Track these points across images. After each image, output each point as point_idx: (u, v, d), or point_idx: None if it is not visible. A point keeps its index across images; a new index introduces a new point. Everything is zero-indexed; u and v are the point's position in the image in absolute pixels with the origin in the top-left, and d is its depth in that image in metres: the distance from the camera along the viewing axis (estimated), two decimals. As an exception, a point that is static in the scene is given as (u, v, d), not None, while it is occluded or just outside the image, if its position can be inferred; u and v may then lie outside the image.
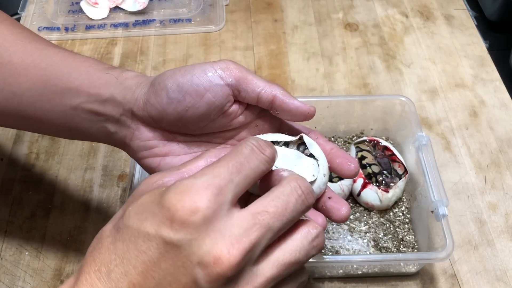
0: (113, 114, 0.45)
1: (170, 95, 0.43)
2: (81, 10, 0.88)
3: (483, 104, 0.75)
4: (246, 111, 0.46)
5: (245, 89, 0.44)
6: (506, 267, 0.59)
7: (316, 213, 0.43)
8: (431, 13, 0.88)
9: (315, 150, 0.44)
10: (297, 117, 0.45)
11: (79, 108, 0.45)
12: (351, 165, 0.44)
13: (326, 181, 0.44)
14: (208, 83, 0.43)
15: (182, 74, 0.43)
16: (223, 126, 0.46)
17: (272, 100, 0.44)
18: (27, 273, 0.59)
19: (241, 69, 0.44)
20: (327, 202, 0.44)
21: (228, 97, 0.44)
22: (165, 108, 0.43)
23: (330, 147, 0.46)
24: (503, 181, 0.66)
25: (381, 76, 0.79)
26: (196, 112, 0.43)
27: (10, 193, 0.66)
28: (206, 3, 0.90)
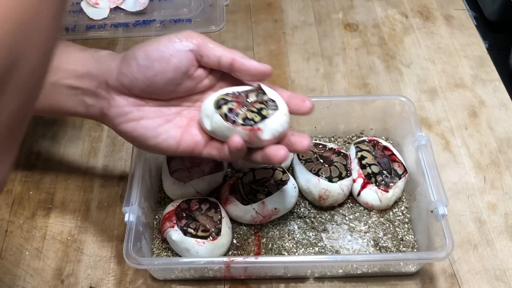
0: (90, 87, 0.49)
1: (140, 63, 0.48)
2: (81, 10, 0.88)
3: (483, 104, 0.75)
4: (210, 75, 0.51)
5: (207, 54, 0.49)
6: (505, 266, 0.59)
7: (280, 146, 0.49)
8: (430, 13, 0.88)
9: (273, 95, 0.51)
10: (256, 77, 0.50)
11: (57, 84, 0.49)
12: (306, 102, 0.51)
13: (287, 119, 0.50)
14: (173, 50, 0.48)
15: (149, 44, 0.49)
16: (190, 90, 0.51)
17: (231, 62, 0.49)
18: (27, 272, 0.59)
19: (202, 37, 0.49)
20: (291, 138, 0.50)
21: (192, 61, 0.49)
22: (135, 75, 0.48)
23: (287, 94, 0.51)
24: (503, 181, 0.66)
25: (380, 76, 0.79)
26: (164, 77, 0.48)
27: (10, 193, 0.66)
28: (206, 4, 0.90)
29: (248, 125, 0.48)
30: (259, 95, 0.51)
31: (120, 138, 0.71)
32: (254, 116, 0.49)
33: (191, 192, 0.61)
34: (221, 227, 0.57)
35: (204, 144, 0.51)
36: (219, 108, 0.49)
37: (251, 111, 0.49)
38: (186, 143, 0.51)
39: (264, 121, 0.48)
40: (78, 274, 0.59)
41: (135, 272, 0.59)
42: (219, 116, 0.48)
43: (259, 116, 0.49)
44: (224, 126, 0.48)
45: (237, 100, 0.50)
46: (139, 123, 0.50)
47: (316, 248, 0.59)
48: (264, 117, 0.48)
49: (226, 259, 0.52)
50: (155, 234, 0.61)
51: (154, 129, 0.50)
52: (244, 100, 0.50)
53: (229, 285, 0.58)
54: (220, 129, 0.49)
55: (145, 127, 0.50)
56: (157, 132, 0.50)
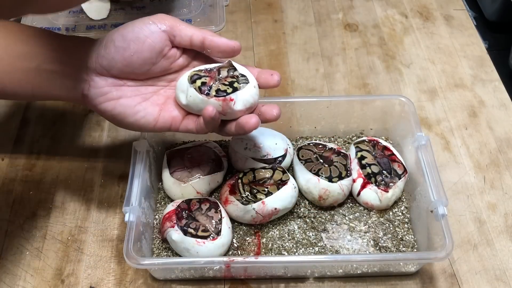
0: (71, 71, 0.52)
1: (117, 44, 0.51)
2: (81, 10, 0.88)
3: (483, 104, 0.75)
4: (183, 54, 0.54)
5: (179, 34, 0.52)
6: (505, 266, 0.59)
7: (251, 115, 0.52)
8: (430, 13, 0.88)
9: (243, 70, 0.54)
10: (226, 53, 0.53)
11: (39, 68, 0.51)
12: (274, 75, 0.54)
13: (257, 91, 0.53)
14: (147, 31, 0.51)
15: (125, 27, 0.52)
16: (166, 69, 0.54)
17: (202, 41, 0.52)
18: (28, 272, 0.59)
19: (174, 19, 0.53)
20: (261, 108, 0.54)
21: (165, 41, 0.52)
22: (113, 56, 0.51)
23: (256, 71, 0.55)
24: (502, 181, 0.66)
25: (380, 76, 0.79)
26: (140, 57, 0.51)
27: (11, 193, 0.66)
28: (206, 4, 0.90)
29: (221, 96, 0.51)
30: (230, 70, 0.54)
31: (120, 138, 0.71)
32: (227, 88, 0.52)
33: (191, 192, 0.61)
34: (221, 227, 0.57)
35: (181, 119, 0.54)
36: (193, 83, 0.52)
37: (224, 84, 0.53)
38: (163, 119, 0.53)
39: (235, 92, 0.51)
40: (78, 274, 0.59)
41: (135, 272, 0.59)
42: (194, 90, 0.52)
43: (231, 88, 0.52)
44: (198, 99, 0.52)
45: (209, 75, 0.54)
46: (118, 101, 0.52)
47: (316, 248, 0.59)
48: (236, 89, 0.52)
49: (226, 259, 0.52)
50: (155, 234, 0.61)
51: (133, 107, 0.53)
52: (216, 75, 0.54)
53: (229, 285, 0.58)
54: (195, 102, 0.52)
55: (123, 105, 0.52)
56: (135, 109, 0.53)
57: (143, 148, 0.60)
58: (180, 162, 0.63)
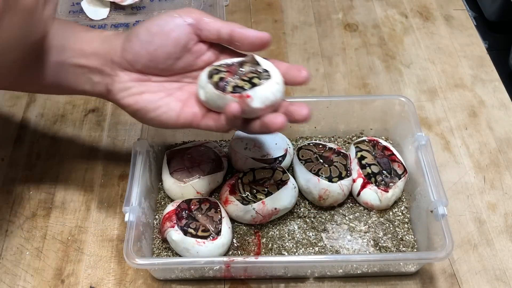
0: (96, 65, 0.51)
1: (141, 38, 0.50)
2: (81, 10, 0.88)
3: (483, 104, 0.75)
4: (210, 49, 0.53)
5: (206, 27, 0.51)
6: (505, 266, 0.59)
7: (277, 114, 0.49)
8: (430, 13, 0.88)
9: (267, 65, 0.51)
10: (256, 46, 0.51)
11: (65, 63, 0.51)
12: (301, 71, 0.51)
13: (280, 88, 0.49)
14: (172, 24, 0.50)
15: (150, 21, 0.51)
16: (191, 64, 0.52)
17: (230, 33, 0.50)
18: (27, 272, 0.59)
19: (201, 12, 0.51)
20: (289, 107, 0.50)
21: (191, 35, 0.51)
22: (138, 50, 0.50)
23: (284, 66, 0.52)
24: (502, 181, 0.66)
25: (380, 77, 0.79)
26: (164, 51, 0.50)
27: (11, 193, 0.66)
28: (206, 4, 0.90)
29: (237, 92, 0.49)
30: (253, 65, 0.52)
31: (120, 138, 0.71)
32: (245, 84, 0.49)
33: (191, 192, 0.61)
34: (221, 227, 0.57)
35: (201, 116, 0.52)
36: (211, 78, 0.50)
37: (243, 80, 0.50)
38: (185, 115, 0.52)
39: (254, 88, 0.48)
40: (78, 274, 0.59)
41: (135, 272, 0.59)
42: (211, 85, 0.49)
43: (250, 84, 0.49)
44: (214, 94, 0.49)
45: (229, 69, 0.51)
46: (141, 96, 0.51)
47: (316, 248, 0.59)
48: (255, 85, 0.49)
49: (226, 259, 0.52)
50: (155, 234, 0.61)
51: (155, 102, 0.51)
52: (237, 70, 0.51)
53: (229, 285, 0.58)
54: (212, 98, 0.50)
55: (146, 100, 0.51)
56: (157, 104, 0.51)
57: (143, 148, 0.60)
58: (180, 162, 0.63)
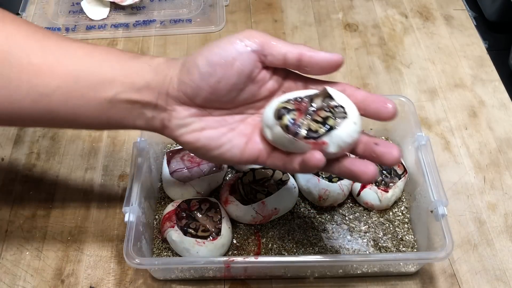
0: (149, 99, 0.46)
1: (202, 70, 0.44)
2: (81, 10, 0.88)
3: (483, 104, 0.75)
4: (274, 75, 0.47)
5: (271, 52, 0.45)
6: (505, 266, 0.59)
7: (366, 162, 0.43)
8: (430, 13, 0.88)
9: (341, 99, 0.44)
10: (327, 69, 0.45)
11: (115, 99, 0.45)
12: (388, 105, 0.44)
13: (357, 128, 0.44)
14: (235, 53, 0.45)
15: (209, 49, 0.45)
16: (254, 96, 0.47)
17: (299, 58, 0.45)
18: (27, 272, 0.59)
19: (264, 35, 0.46)
20: (376, 148, 0.44)
21: (255, 63, 0.45)
22: (198, 84, 0.45)
23: (361, 96, 0.45)
24: (503, 181, 0.66)
25: (380, 77, 0.79)
26: (228, 83, 0.45)
27: (11, 193, 0.66)
28: (206, 4, 0.90)
29: (311, 137, 0.43)
30: (325, 100, 0.45)
31: (120, 138, 0.71)
32: (319, 127, 0.43)
33: (191, 192, 0.61)
34: (221, 227, 0.57)
35: (267, 153, 0.47)
36: (280, 119, 0.44)
37: (316, 120, 0.44)
38: (250, 151, 0.47)
39: (330, 133, 0.43)
40: (78, 274, 0.59)
41: (135, 272, 0.59)
42: (280, 128, 0.44)
43: (325, 126, 0.43)
44: (285, 139, 0.44)
45: (299, 107, 0.45)
46: (202, 133, 0.47)
47: (316, 248, 0.59)
48: (331, 128, 0.43)
49: (226, 259, 0.52)
50: (155, 234, 0.61)
51: (218, 139, 0.47)
52: (308, 107, 0.45)
53: (229, 285, 0.58)
54: (281, 141, 0.44)
55: (208, 137, 0.47)
56: (220, 141, 0.47)
57: (143, 148, 0.60)
58: (180, 162, 0.64)
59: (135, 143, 0.61)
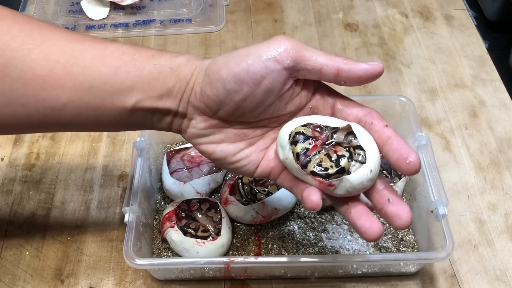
0: (171, 107, 0.43)
1: (227, 87, 0.41)
2: (81, 10, 0.88)
3: (483, 104, 0.75)
4: (303, 90, 0.44)
5: (305, 67, 0.41)
6: (505, 267, 0.59)
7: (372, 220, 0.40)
8: (431, 13, 0.88)
9: (365, 141, 0.41)
10: (366, 80, 0.42)
11: (134, 108, 0.43)
12: (409, 162, 0.39)
13: (372, 177, 0.40)
14: (264, 70, 0.41)
15: (237, 63, 0.41)
16: (279, 110, 0.44)
17: (336, 73, 0.41)
18: (27, 273, 0.59)
19: (297, 47, 0.41)
20: (388, 207, 0.41)
21: (285, 80, 0.42)
22: (222, 100, 0.42)
23: (387, 136, 0.41)
24: (503, 181, 0.66)
25: (381, 76, 0.78)
26: (254, 101, 0.42)
27: (10, 193, 0.66)
28: (206, 4, 0.90)
29: (319, 176, 0.40)
30: (348, 137, 0.41)
31: (120, 138, 0.71)
32: (330, 166, 0.40)
33: (191, 192, 0.61)
34: (221, 227, 0.57)
35: (279, 171, 0.45)
36: (293, 144, 0.42)
37: (329, 157, 0.41)
38: (262, 168, 0.45)
39: (341, 177, 0.40)
40: (78, 274, 0.59)
41: (135, 272, 0.59)
42: (291, 154, 0.41)
43: (336, 167, 0.40)
44: (293, 166, 0.42)
45: (317, 137, 0.42)
46: (219, 146, 0.45)
47: (316, 248, 0.59)
48: (343, 170, 0.40)
49: (226, 259, 0.52)
50: (155, 234, 0.61)
51: (234, 155, 0.45)
52: (327, 139, 0.42)
53: (229, 285, 0.58)
54: (290, 167, 0.42)
55: (224, 151, 0.45)
56: (236, 157, 0.45)
57: (143, 148, 0.60)
58: (180, 162, 0.63)
59: (135, 143, 0.61)
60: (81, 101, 0.41)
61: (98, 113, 0.42)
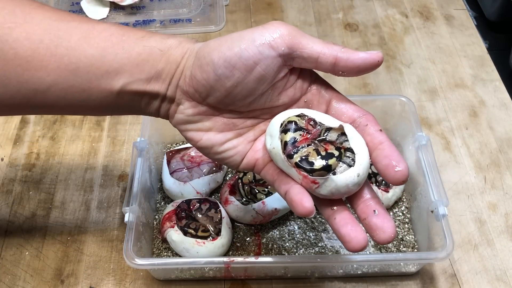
0: (159, 91, 0.42)
1: (217, 71, 0.39)
2: (81, 10, 0.88)
3: (483, 104, 0.75)
4: (298, 80, 0.42)
5: (301, 55, 0.39)
6: (506, 266, 0.59)
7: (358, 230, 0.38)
8: (431, 13, 0.88)
9: (356, 144, 0.39)
10: (365, 70, 0.40)
11: (121, 91, 0.41)
12: (397, 171, 0.38)
13: (358, 182, 0.38)
14: (258, 56, 0.39)
15: (229, 47, 0.39)
16: (272, 101, 0.42)
17: (334, 62, 0.39)
18: (27, 273, 0.59)
19: (293, 34, 0.39)
20: (373, 219, 0.39)
21: (280, 68, 0.40)
22: (212, 84, 0.40)
23: (379, 141, 0.40)
24: (503, 181, 0.66)
25: (381, 76, 0.79)
26: (245, 88, 0.40)
27: (10, 193, 0.66)
28: (206, 3, 0.90)
29: (303, 169, 0.38)
30: (340, 137, 0.40)
31: (119, 138, 0.71)
32: (316, 160, 0.38)
33: (191, 192, 0.61)
34: (221, 227, 0.57)
35: (263, 164, 0.43)
36: (283, 133, 0.40)
37: (318, 152, 0.39)
38: (247, 159, 0.44)
39: (325, 174, 0.38)
40: (78, 274, 0.59)
41: (135, 272, 0.59)
42: (279, 142, 0.40)
43: (323, 162, 0.38)
44: (279, 157, 0.40)
45: (309, 130, 0.40)
46: (207, 134, 0.43)
47: (316, 248, 0.59)
48: (328, 168, 0.38)
49: (226, 259, 0.52)
50: (155, 234, 0.61)
51: (221, 144, 0.43)
52: (318, 135, 0.40)
53: (229, 285, 0.58)
54: (276, 157, 0.40)
55: (212, 140, 0.43)
56: (224, 147, 0.43)
57: (143, 148, 0.60)
58: (180, 162, 0.63)
59: (135, 143, 0.61)
60: (66, 83, 0.40)
61: (84, 96, 0.40)
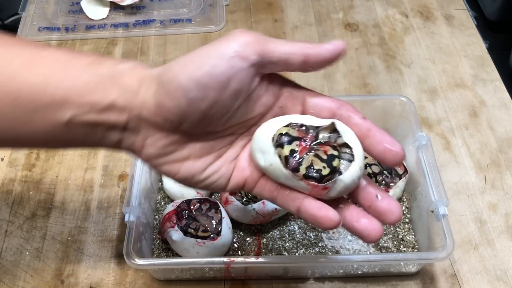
0: (116, 122, 0.37)
1: (189, 95, 0.35)
2: (81, 10, 0.88)
3: (483, 104, 0.75)
4: (269, 87, 0.39)
5: (270, 60, 0.37)
6: (506, 267, 0.59)
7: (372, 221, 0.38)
8: (431, 13, 0.88)
9: (349, 137, 0.38)
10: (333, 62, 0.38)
11: (71, 123, 0.36)
12: (395, 154, 0.38)
13: (361, 174, 0.38)
14: (230, 70, 0.36)
15: (197, 67, 0.36)
16: (247, 114, 0.39)
17: (304, 60, 0.37)
18: (27, 273, 0.59)
19: (260, 40, 0.37)
20: (378, 203, 0.38)
21: (253, 78, 0.37)
22: (185, 111, 0.36)
23: (367, 129, 0.39)
24: (503, 181, 0.66)
25: (381, 76, 0.79)
26: (221, 106, 0.37)
27: (10, 193, 0.66)
28: (206, 3, 0.90)
29: (312, 178, 0.37)
30: (333, 135, 0.39)
31: (120, 138, 0.71)
32: (323, 167, 0.37)
33: (191, 192, 0.61)
34: (221, 227, 0.57)
35: (254, 181, 0.40)
36: (280, 147, 0.38)
37: (320, 157, 0.38)
38: (235, 180, 0.41)
39: (335, 179, 0.37)
40: (78, 275, 0.59)
41: (135, 272, 0.59)
42: (278, 159, 0.37)
43: (328, 168, 0.37)
44: (282, 173, 0.37)
45: (303, 137, 0.38)
46: (184, 164, 0.39)
47: (316, 248, 0.59)
48: (334, 170, 0.37)
49: (226, 259, 0.52)
50: (155, 234, 0.61)
51: (202, 171, 0.40)
52: (313, 140, 0.39)
53: (229, 286, 0.58)
54: (276, 172, 0.38)
55: (191, 169, 0.39)
56: (205, 174, 0.40)
57: (143, 148, 0.60)
58: (180, 162, 0.63)
59: (135, 143, 0.60)
60: (7, 115, 0.36)
61: (28, 129, 0.36)
